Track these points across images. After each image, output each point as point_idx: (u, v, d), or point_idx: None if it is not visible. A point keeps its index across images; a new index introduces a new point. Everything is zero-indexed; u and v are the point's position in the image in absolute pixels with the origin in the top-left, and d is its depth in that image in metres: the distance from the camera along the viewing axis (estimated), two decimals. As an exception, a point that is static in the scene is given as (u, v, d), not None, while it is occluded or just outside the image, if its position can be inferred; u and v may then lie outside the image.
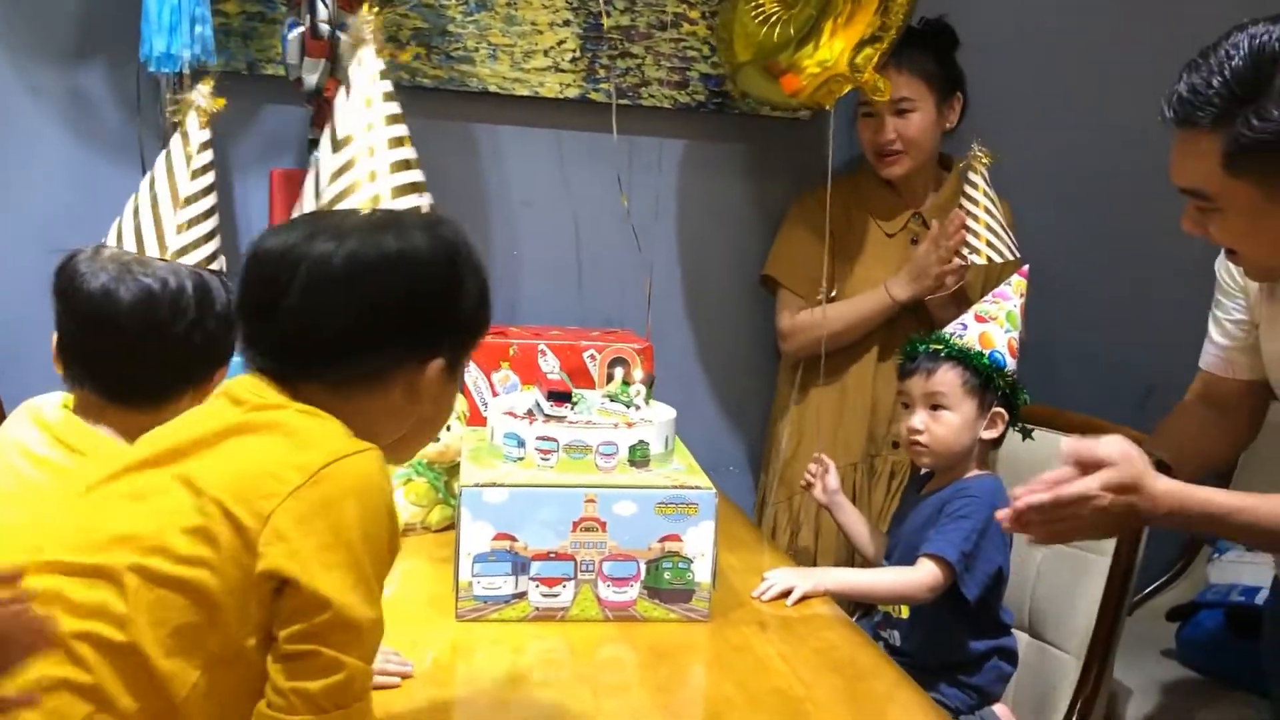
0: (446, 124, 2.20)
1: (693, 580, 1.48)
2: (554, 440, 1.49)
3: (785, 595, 1.57)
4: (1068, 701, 1.77)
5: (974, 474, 1.70)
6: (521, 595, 1.46)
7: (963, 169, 2.02)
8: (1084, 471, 1.31)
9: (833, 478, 1.85)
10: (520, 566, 1.45)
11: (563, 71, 2.20)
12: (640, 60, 2.23)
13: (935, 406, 1.68)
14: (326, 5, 1.67)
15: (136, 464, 0.96)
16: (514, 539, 1.45)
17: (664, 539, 1.47)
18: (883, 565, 1.76)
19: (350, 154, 1.55)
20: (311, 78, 1.68)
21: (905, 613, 1.68)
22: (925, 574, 1.60)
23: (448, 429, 1.79)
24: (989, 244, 1.99)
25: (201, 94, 1.44)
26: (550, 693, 1.30)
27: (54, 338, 1.30)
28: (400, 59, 1.28)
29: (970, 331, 1.71)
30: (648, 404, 1.61)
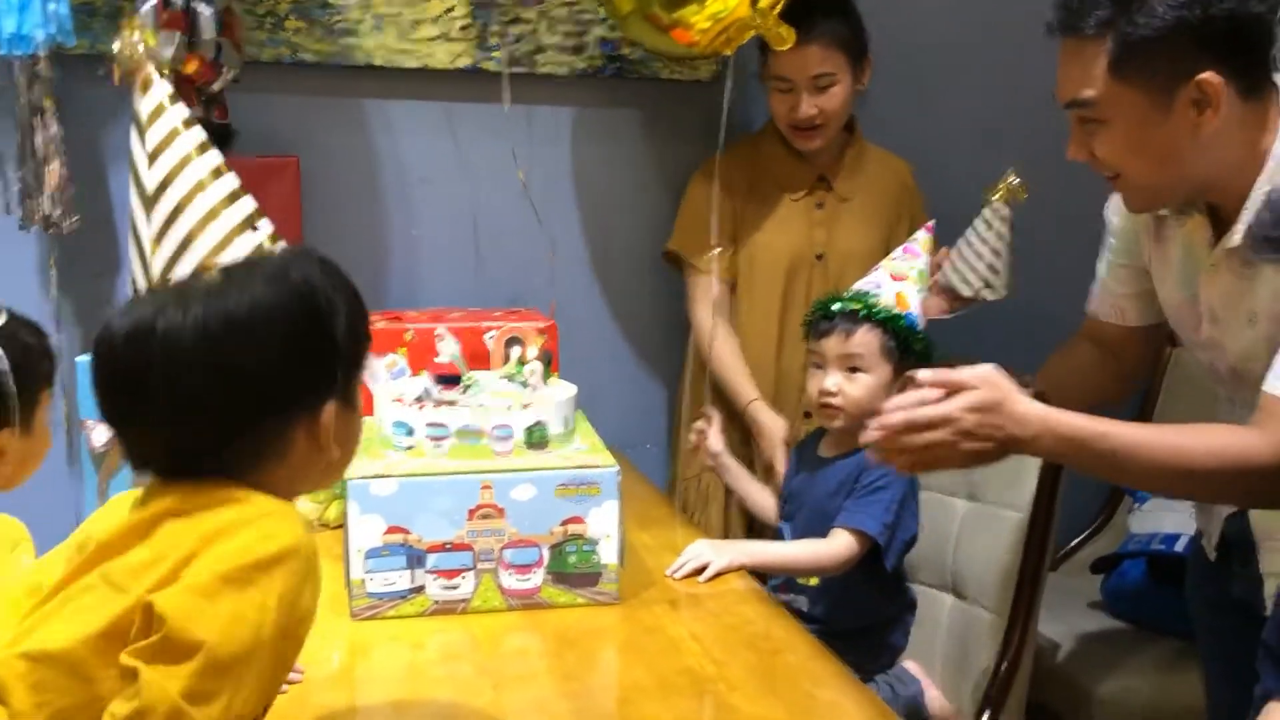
0: (333, 101, 2.11)
1: (599, 562, 1.42)
2: (445, 426, 1.42)
3: (700, 572, 1.52)
4: (993, 659, 1.74)
5: None
6: (419, 589, 1.39)
7: (990, 200, 1.89)
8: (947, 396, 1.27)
9: (714, 439, 1.81)
10: (416, 560, 1.39)
11: (453, 41, 2.12)
12: (533, 26, 2.15)
13: (852, 368, 1.63)
14: (180, -25, 1.57)
15: None
16: (407, 532, 1.38)
17: (566, 522, 1.41)
18: (781, 527, 1.72)
19: (174, 200, 1.22)
20: (167, 51, 1.58)
21: (814, 580, 1.64)
22: (843, 546, 1.56)
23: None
24: (986, 282, 1.90)
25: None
26: (451, 689, 1.24)
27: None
28: (186, 70, 1.07)
29: (885, 291, 1.65)
30: (545, 383, 1.54)
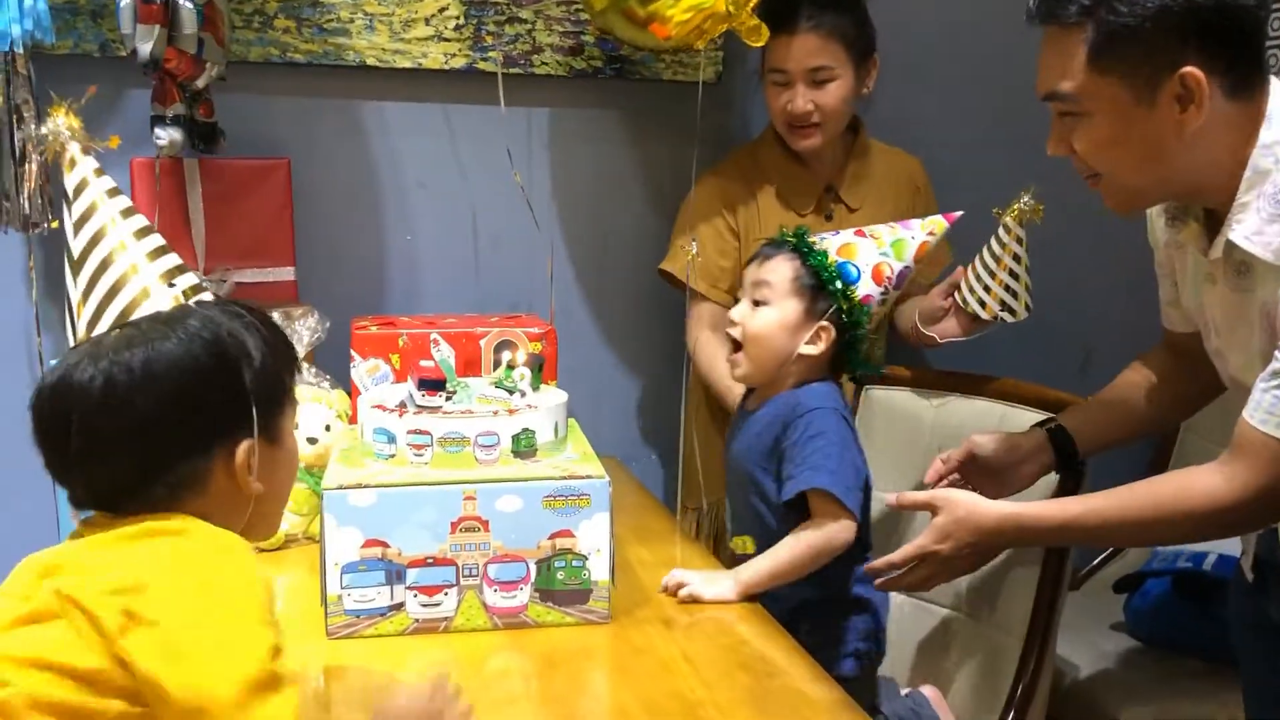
0: (324, 102, 2.05)
1: (589, 579, 1.35)
2: (427, 434, 1.35)
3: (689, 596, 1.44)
4: (1009, 684, 1.66)
5: (800, 387, 1.52)
6: (399, 607, 1.32)
7: (1003, 219, 1.78)
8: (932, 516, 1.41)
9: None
10: (395, 575, 1.31)
11: (447, 40, 2.05)
12: (530, 25, 2.09)
13: (758, 302, 1.51)
14: (156, -36, 1.51)
15: None
16: (386, 545, 1.31)
17: (554, 535, 1.34)
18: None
19: (96, 262, 1.16)
20: (145, 46, 1.52)
21: (750, 547, 1.52)
22: (829, 520, 1.42)
23: (327, 429, 1.64)
24: (1008, 298, 1.79)
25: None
26: (428, 714, 1.17)
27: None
28: (108, 146, 1.08)
29: (836, 239, 1.54)
30: (535, 389, 1.47)
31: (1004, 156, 2.26)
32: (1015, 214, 1.77)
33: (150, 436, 0.93)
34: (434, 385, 1.37)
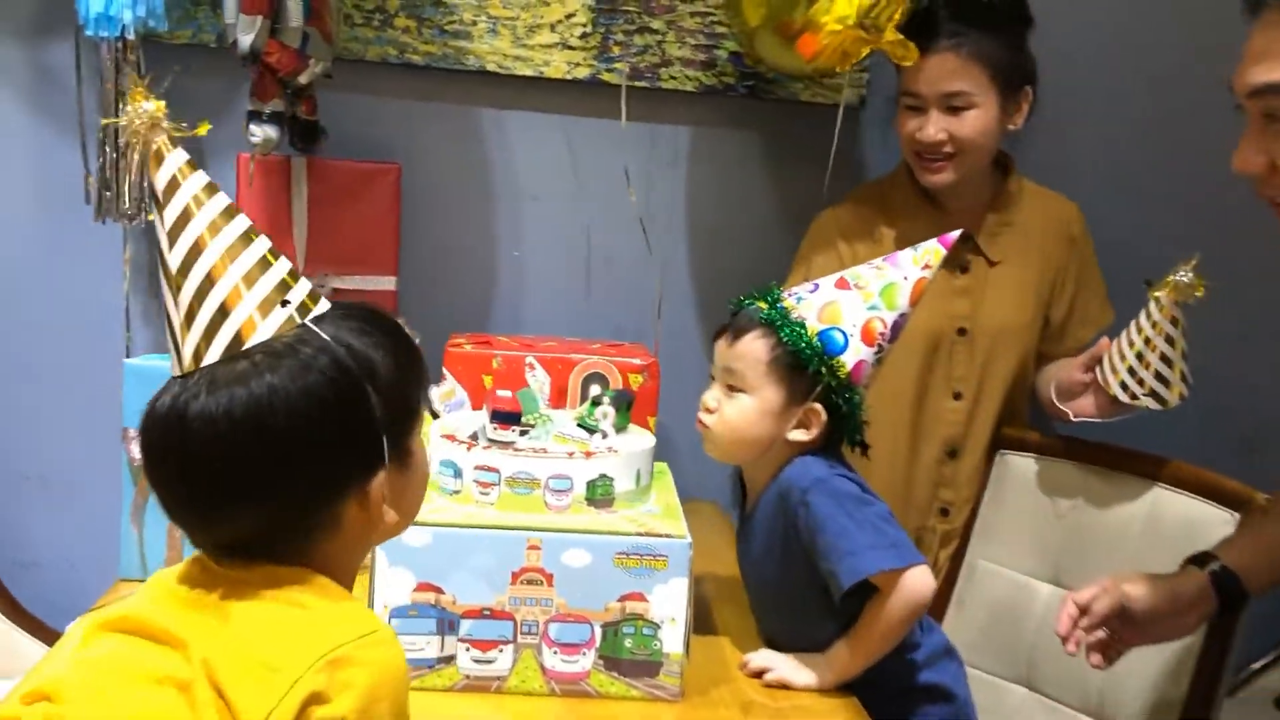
0: (440, 106, 1.96)
1: (660, 650, 1.20)
2: (495, 471, 1.22)
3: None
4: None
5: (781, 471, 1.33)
6: (449, 660, 1.20)
7: (1154, 294, 1.52)
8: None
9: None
10: (447, 625, 1.19)
11: (571, 49, 1.94)
12: (661, 36, 1.96)
13: (732, 387, 1.32)
14: (266, -49, 1.44)
15: None
16: (440, 591, 1.19)
17: (625, 598, 1.20)
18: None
19: (200, 277, 0.91)
20: (246, 38, 1.45)
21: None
22: (892, 585, 1.24)
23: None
24: (1160, 384, 1.55)
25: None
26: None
27: None
28: (195, 133, 0.91)
29: (816, 296, 1.32)
30: (621, 429, 1.33)
31: (1167, 213, 2.05)
32: (1170, 289, 1.50)
33: (273, 485, 0.84)
34: (507, 418, 1.25)
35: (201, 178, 0.90)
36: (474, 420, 1.34)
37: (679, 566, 1.19)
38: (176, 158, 0.90)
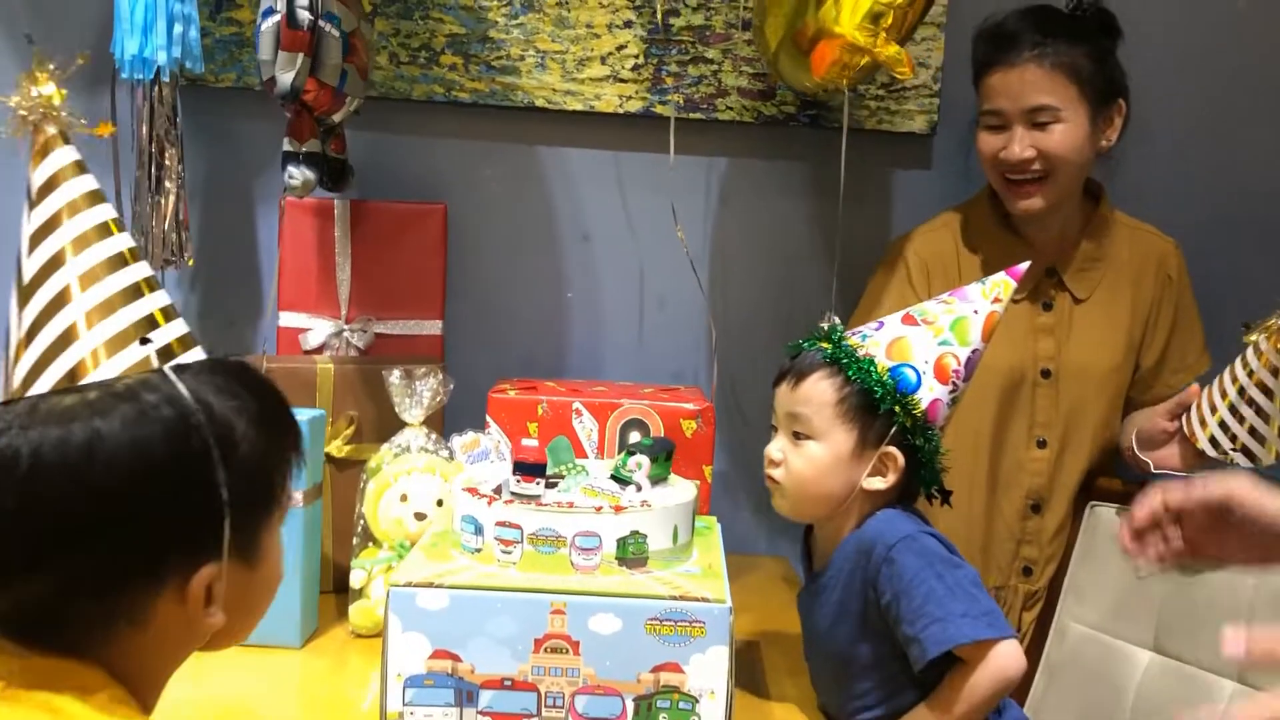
0: (487, 145, 1.90)
1: (698, 727, 1.08)
2: (517, 528, 1.12)
3: None
4: None
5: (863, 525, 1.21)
6: (467, 734, 1.09)
7: (1252, 339, 1.39)
8: None
9: None
10: (465, 696, 1.09)
11: (623, 81, 1.87)
12: (716, 66, 1.87)
13: (799, 433, 1.20)
14: (309, -13, 1.39)
15: None
16: (457, 659, 1.09)
17: (658, 669, 1.08)
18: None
19: (52, 293, 0.78)
20: (286, 76, 1.39)
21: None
22: (978, 660, 1.12)
23: (439, 504, 1.45)
24: (1244, 448, 1.40)
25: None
26: None
27: None
28: (96, 133, 0.76)
29: (882, 334, 1.21)
30: (659, 481, 1.22)
31: (1272, 253, 1.88)
32: (1271, 334, 1.35)
33: (72, 552, 0.70)
34: (531, 469, 1.15)
35: (87, 183, 0.77)
36: (499, 473, 1.24)
37: (718, 634, 1.07)
38: (63, 155, 0.78)
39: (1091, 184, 1.68)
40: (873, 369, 1.17)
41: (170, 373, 0.74)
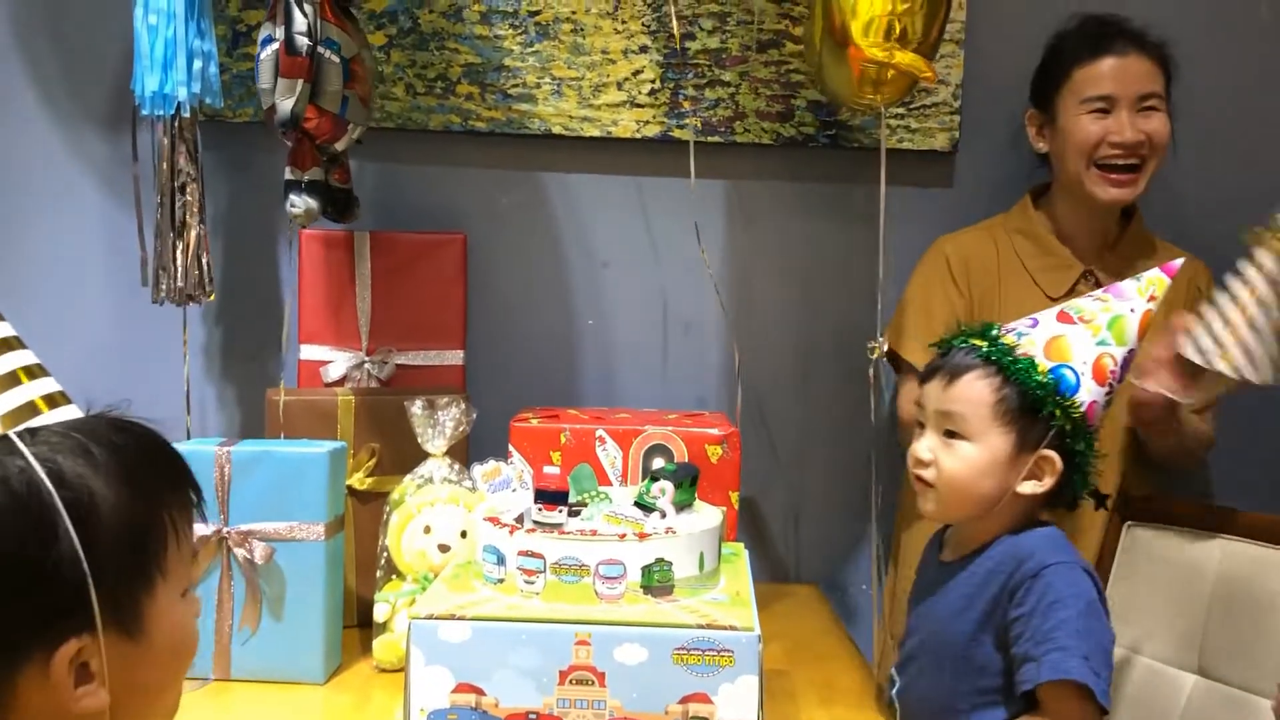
0: (505, 173, 1.89)
1: (729, 760, 1.05)
2: (540, 557, 1.10)
3: None
4: None
5: (1016, 534, 1.18)
6: (492, 771, 1.06)
7: (1255, 246, 1.35)
8: None
9: None
10: (490, 731, 1.06)
11: (640, 106, 1.86)
12: (733, 89, 1.86)
13: (951, 432, 1.17)
14: (305, 14, 1.38)
15: None
16: (481, 692, 1.07)
17: (687, 699, 1.05)
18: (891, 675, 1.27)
19: None
20: (286, 103, 1.39)
21: None
22: (1066, 716, 1.09)
23: (463, 536, 1.43)
24: (1245, 350, 1.35)
25: None
26: None
27: None
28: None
29: (1038, 332, 1.18)
30: (683, 507, 1.19)
31: None
32: (1271, 241, 1.31)
33: None
34: (553, 497, 1.13)
35: None
36: (521, 501, 1.22)
37: (748, 663, 1.04)
38: None
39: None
40: (1033, 370, 1.15)
41: (15, 437, 0.70)
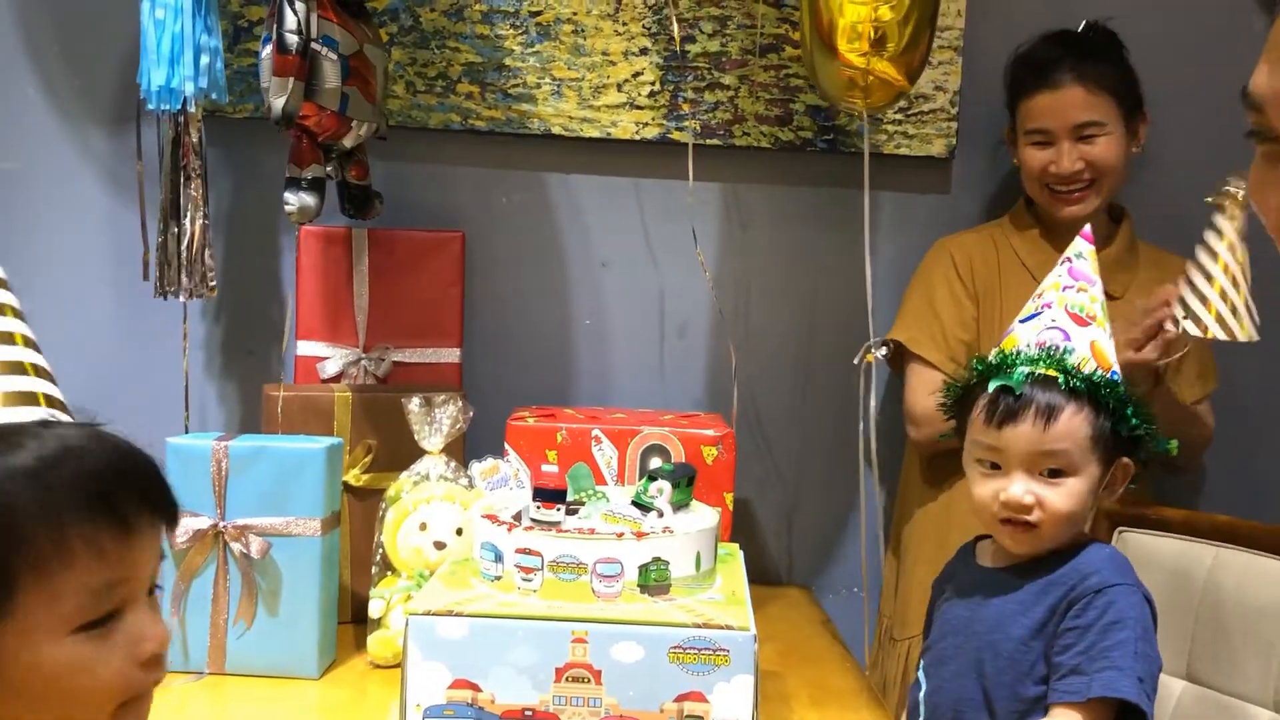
0: (504, 172, 1.90)
1: (723, 758, 1.05)
2: (537, 555, 1.11)
3: None
4: None
5: (1081, 547, 1.18)
6: (487, 767, 1.07)
7: (1211, 208, 1.41)
8: None
9: None
10: (486, 727, 1.07)
11: (639, 108, 1.87)
12: (733, 92, 1.87)
13: (1053, 471, 1.15)
14: (296, 13, 1.38)
15: None
16: (477, 689, 1.07)
17: (682, 698, 1.06)
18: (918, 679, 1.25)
19: None
20: (278, 101, 1.38)
21: None
22: None
23: (458, 533, 1.44)
24: (1218, 317, 1.39)
25: None
26: None
27: None
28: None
29: (1078, 342, 1.16)
30: (680, 507, 1.20)
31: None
32: (1229, 206, 1.34)
33: None
34: (552, 495, 1.13)
35: None
36: (519, 499, 1.23)
37: (743, 662, 1.05)
38: None
39: (1114, 207, 1.76)
40: (1116, 389, 1.15)
41: None
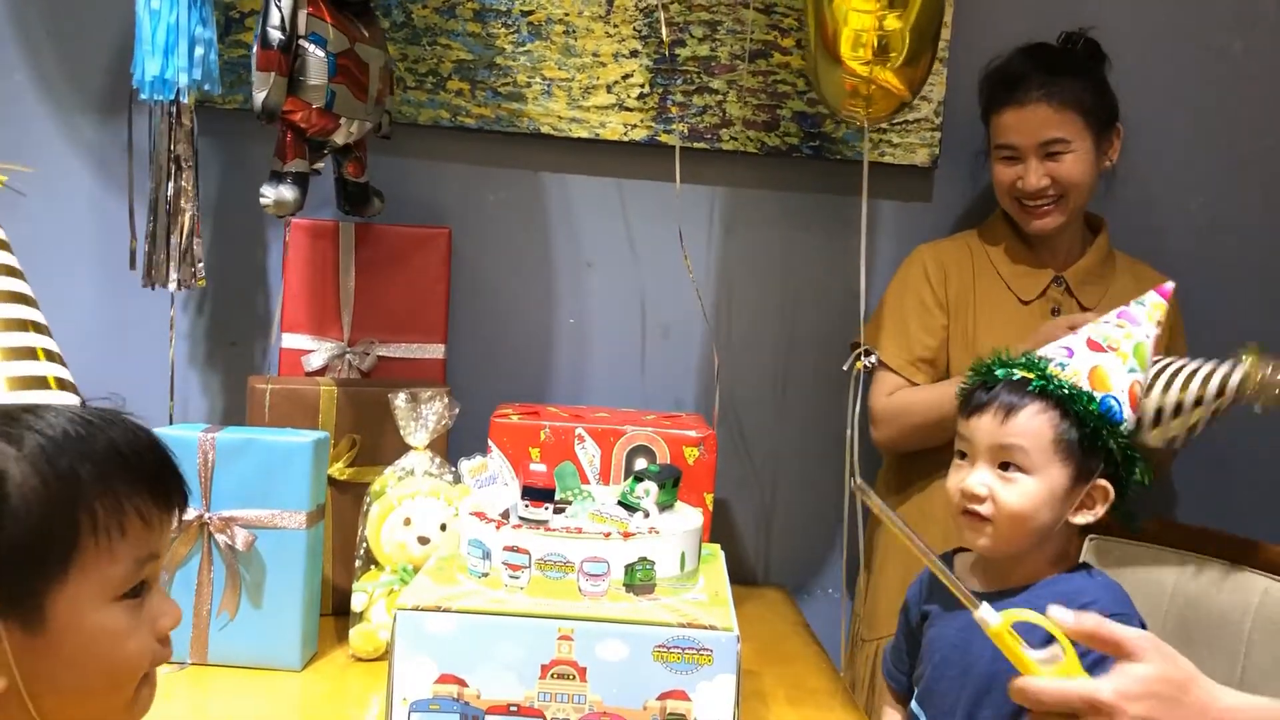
0: (492, 170, 1.91)
1: (704, 756, 1.07)
2: (525, 553, 1.12)
3: None
4: None
5: (1069, 571, 1.21)
6: (471, 761, 1.09)
7: (1248, 369, 1.32)
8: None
9: None
10: (471, 721, 1.09)
11: (628, 110, 1.88)
12: (721, 96, 1.89)
13: (1007, 464, 1.18)
14: (280, 9, 1.38)
15: None
16: (463, 684, 1.09)
17: (665, 696, 1.08)
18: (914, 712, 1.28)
19: None
20: (259, 95, 1.38)
21: None
22: None
23: (443, 529, 1.45)
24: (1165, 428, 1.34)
25: None
26: None
27: None
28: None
29: (1078, 362, 1.20)
30: (665, 507, 1.22)
31: (1262, 296, 1.93)
32: (1257, 380, 1.31)
33: None
34: (540, 494, 1.15)
35: None
36: (507, 497, 1.24)
37: (725, 662, 1.07)
38: None
39: (1092, 218, 1.79)
40: (1092, 403, 1.16)
41: None
